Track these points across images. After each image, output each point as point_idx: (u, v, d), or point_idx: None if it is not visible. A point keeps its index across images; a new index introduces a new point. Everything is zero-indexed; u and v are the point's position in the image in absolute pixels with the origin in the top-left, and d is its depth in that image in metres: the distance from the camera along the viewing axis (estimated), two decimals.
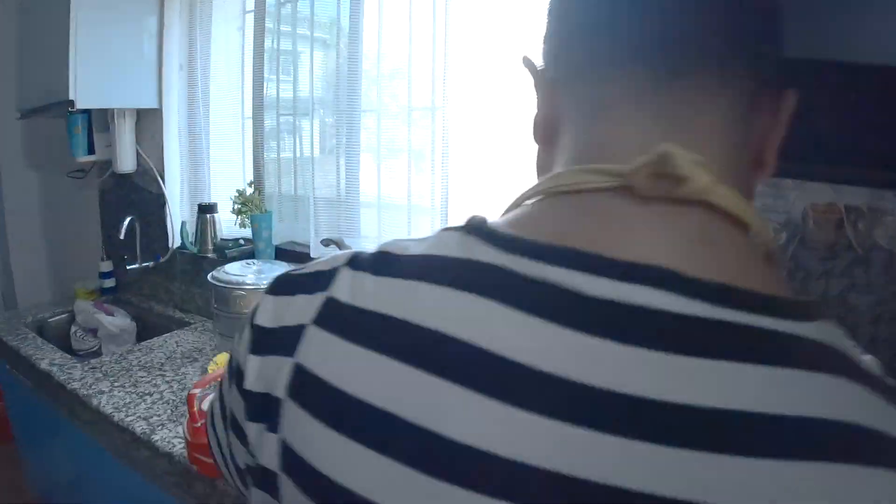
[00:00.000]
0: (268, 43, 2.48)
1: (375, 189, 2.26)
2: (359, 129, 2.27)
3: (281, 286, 0.57)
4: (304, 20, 2.37)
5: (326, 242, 2.11)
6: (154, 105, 2.61)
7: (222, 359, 1.94)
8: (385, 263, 0.51)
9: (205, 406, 1.52)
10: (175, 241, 2.67)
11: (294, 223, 2.55)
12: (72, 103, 2.34)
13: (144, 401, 1.86)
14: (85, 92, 2.36)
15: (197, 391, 1.51)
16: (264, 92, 2.51)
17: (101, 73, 2.43)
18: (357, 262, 0.53)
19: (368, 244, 2.28)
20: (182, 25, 2.57)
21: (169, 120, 2.60)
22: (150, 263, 2.72)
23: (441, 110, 2.06)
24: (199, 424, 1.49)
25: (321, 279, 0.54)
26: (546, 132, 0.57)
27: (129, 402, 1.84)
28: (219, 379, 1.62)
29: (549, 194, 0.50)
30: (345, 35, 2.23)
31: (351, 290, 0.51)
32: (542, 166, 0.58)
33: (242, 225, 2.50)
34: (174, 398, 1.88)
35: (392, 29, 2.12)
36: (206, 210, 2.59)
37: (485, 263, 0.46)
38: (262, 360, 0.54)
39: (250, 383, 0.54)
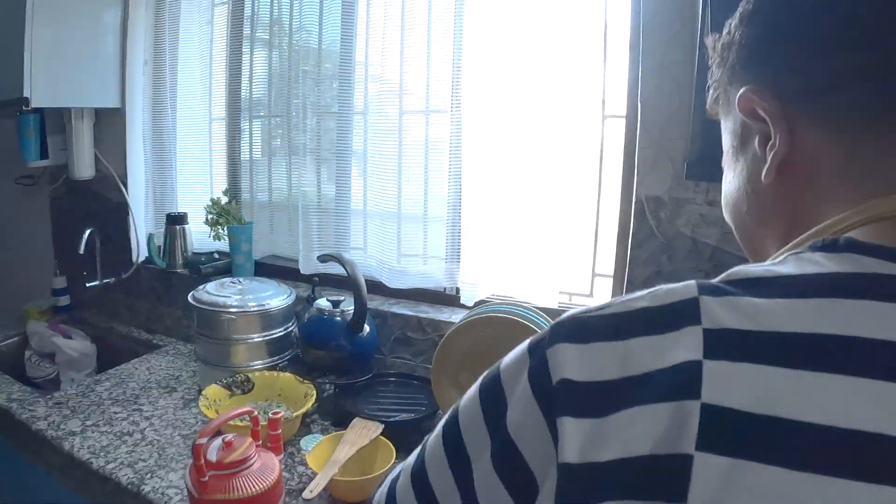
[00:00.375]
0: (245, 32, 2.26)
1: (366, 197, 2.10)
2: (351, 132, 2.09)
3: (590, 332, 0.51)
4: (285, 14, 2.17)
5: (325, 258, 1.91)
6: (116, 104, 2.38)
7: (213, 392, 1.72)
8: (766, 286, 0.50)
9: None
10: (140, 254, 2.43)
11: (273, 235, 2.34)
12: (26, 101, 2.09)
13: (125, 443, 1.63)
14: (40, 89, 2.11)
15: (203, 440, 1.30)
16: (241, 91, 2.29)
17: (59, 70, 2.18)
18: (714, 290, 0.50)
19: (361, 256, 2.12)
20: (148, 17, 2.33)
21: (132, 121, 2.37)
22: (112, 279, 2.46)
23: (447, 114, 1.92)
24: (206, 478, 1.28)
25: (666, 316, 0.50)
26: (791, 168, 0.60)
27: (108, 445, 1.62)
28: (248, 429, 1.41)
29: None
30: (336, 31, 2.05)
31: (737, 316, 0.48)
32: (783, 200, 0.63)
33: (217, 237, 2.28)
34: (159, 438, 1.66)
35: (390, 27, 1.96)
36: (175, 221, 2.37)
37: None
38: (606, 420, 0.47)
39: (580, 454, 0.47)
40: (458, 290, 2.03)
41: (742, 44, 0.65)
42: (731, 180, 0.70)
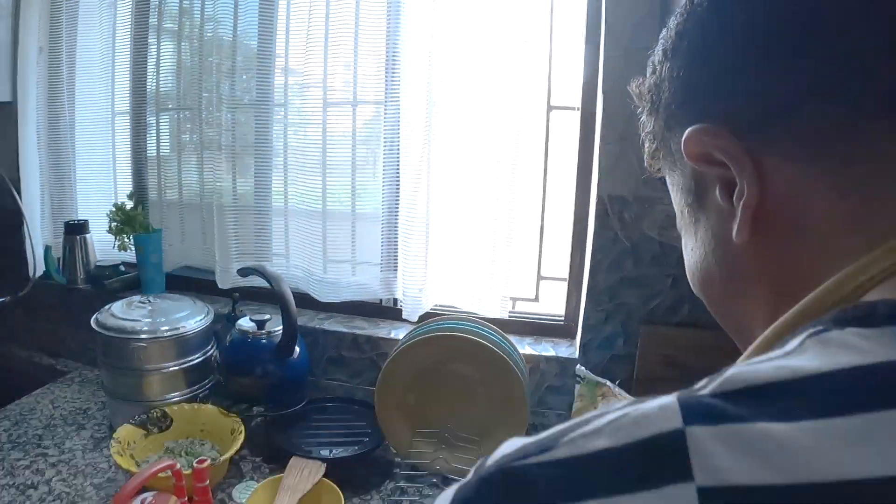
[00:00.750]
0: (151, 21, 2.02)
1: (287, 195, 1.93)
2: (270, 126, 1.89)
3: (525, 492, 0.34)
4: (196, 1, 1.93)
5: (245, 272, 1.70)
6: (6, 98, 2.09)
7: (127, 433, 1.51)
8: (785, 398, 0.33)
9: None
10: (37, 269, 2.16)
11: (185, 244, 2.10)
12: None
13: (29, 498, 1.41)
14: None
15: None
16: (147, 82, 2.05)
17: None
18: (708, 413, 0.33)
19: (284, 265, 1.91)
20: (44, 0, 2.05)
21: (25, 116, 2.10)
22: (7, 298, 2.18)
23: (381, 105, 1.77)
24: None
25: (637, 463, 0.33)
26: (769, 218, 0.47)
27: (11, 503, 1.39)
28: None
29: None
30: (252, 20, 1.86)
31: (748, 461, 0.31)
32: (765, 262, 0.48)
33: (122, 248, 2.04)
34: (68, 491, 1.44)
35: (315, 12, 1.78)
36: (74, 230, 2.11)
37: None
38: None
39: None
40: (395, 301, 1.85)
41: (673, 77, 0.53)
42: (693, 248, 0.56)
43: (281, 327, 1.64)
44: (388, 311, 1.88)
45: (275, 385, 1.64)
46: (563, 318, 1.81)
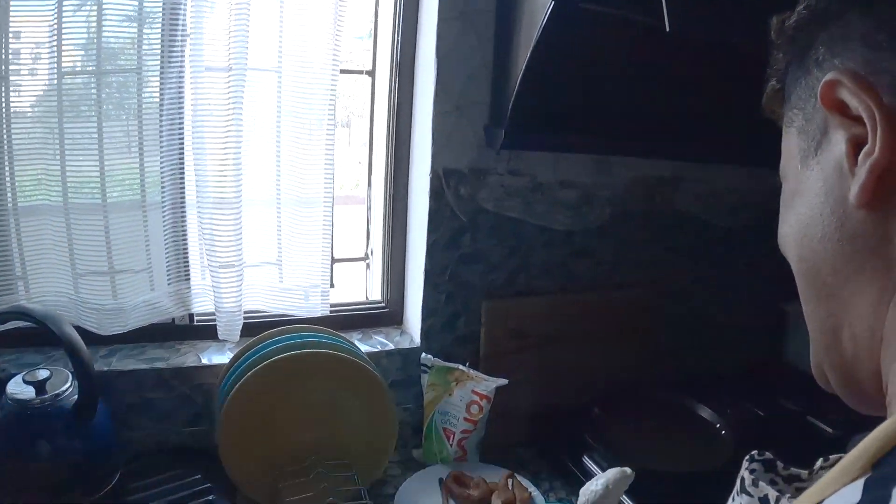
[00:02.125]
0: None
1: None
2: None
3: None
4: None
5: (5, 318, 1.27)
6: None
7: None
8: None
9: None
10: None
11: None
12: None
13: None
14: None
15: None
16: None
17: None
18: None
19: (39, 297, 1.45)
20: None
21: None
22: None
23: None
24: None
25: None
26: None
27: None
28: None
29: None
30: None
31: None
32: (881, 233, 0.43)
33: None
34: None
35: None
36: None
37: None
38: None
39: None
40: (191, 317, 1.55)
41: (828, 18, 0.47)
42: (795, 197, 0.50)
43: (69, 384, 1.27)
44: (187, 331, 1.55)
45: (80, 461, 1.27)
46: (384, 304, 1.66)
